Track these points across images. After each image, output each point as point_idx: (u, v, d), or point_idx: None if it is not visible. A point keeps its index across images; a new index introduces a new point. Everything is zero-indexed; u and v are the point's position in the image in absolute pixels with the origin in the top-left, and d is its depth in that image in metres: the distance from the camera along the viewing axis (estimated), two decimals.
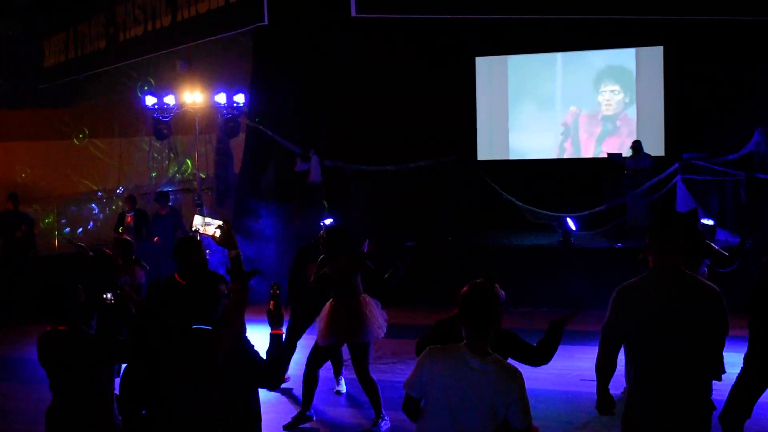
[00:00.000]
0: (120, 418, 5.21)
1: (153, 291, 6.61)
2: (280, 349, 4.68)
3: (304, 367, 8.36)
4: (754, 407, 6.90)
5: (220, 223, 5.22)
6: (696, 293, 4.68)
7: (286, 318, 6.81)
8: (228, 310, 4.68)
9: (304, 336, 9.69)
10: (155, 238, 15.36)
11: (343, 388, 9.51)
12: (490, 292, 4.43)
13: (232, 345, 4.59)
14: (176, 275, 6.35)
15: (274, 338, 4.66)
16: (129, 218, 15.69)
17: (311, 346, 8.48)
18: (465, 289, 4.43)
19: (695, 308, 4.63)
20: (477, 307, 4.34)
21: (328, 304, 8.28)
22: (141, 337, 5.00)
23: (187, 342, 4.53)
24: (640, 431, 4.73)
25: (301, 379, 8.40)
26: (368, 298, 8.24)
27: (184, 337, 4.54)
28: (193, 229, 5.45)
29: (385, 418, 8.04)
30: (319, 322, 8.31)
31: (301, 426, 8.29)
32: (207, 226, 5.34)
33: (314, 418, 8.41)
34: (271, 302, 4.69)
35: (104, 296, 5.42)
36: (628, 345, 4.77)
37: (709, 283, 4.79)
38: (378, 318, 8.15)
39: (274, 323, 4.67)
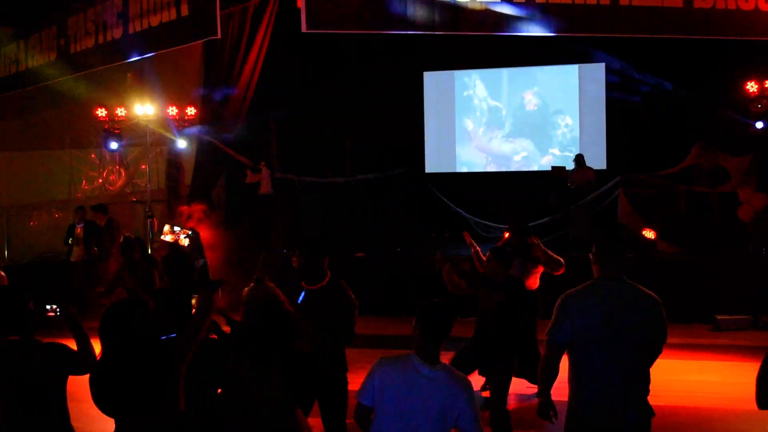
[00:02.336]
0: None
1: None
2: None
3: None
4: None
5: (189, 233, 5.32)
6: (637, 302, 4.86)
7: None
8: (194, 319, 4.75)
9: None
10: (94, 249, 15.41)
11: None
12: (448, 306, 4.57)
13: (199, 352, 4.66)
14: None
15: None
16: (79, 229, 15.68)
17: None
18: (425, 302, 4.54)
19: (635, 316, 4.80)
20: (438, 320, 4.48)
21: None
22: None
23: (153, 352, 4.52)
24: None
25: None
26: None
27: (149, 347, 4.52)
28: (162, 237, 5.52)
29: None
30: None
31: None
32: (175, 235, 5.42)
33: None
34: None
35: (48, 308, 5.34)
36: (571, 351, 4.89)
37: (649, 291, 4.94)
38: None
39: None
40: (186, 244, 5.29)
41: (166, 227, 5.51)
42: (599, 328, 4.79)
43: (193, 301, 5.12)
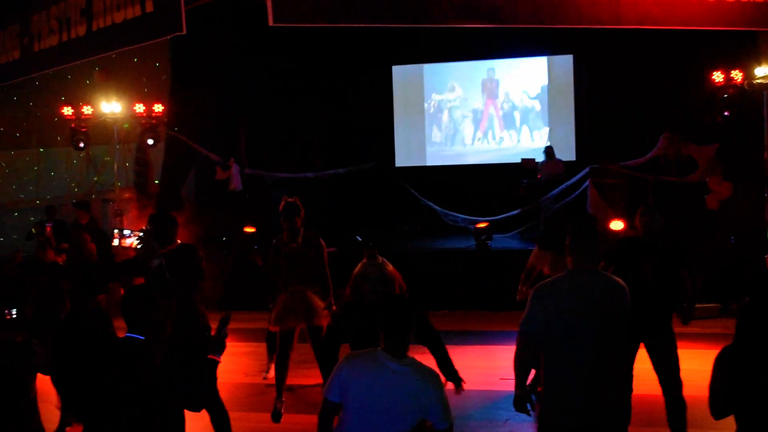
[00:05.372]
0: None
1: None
2: (213, 377, 4.54)
3: None
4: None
5: (141, 234, 5.25)
6: (609, 292, 4.90)
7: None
8: (156, 322, 4.54)
9: None
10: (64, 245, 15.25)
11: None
12: (407, 301, 4.58)
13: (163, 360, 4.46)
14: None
15: (210, 364, 4.54)
16: (48, 228, 15.52)
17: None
18: (383, 298, 4.64)
19: (608, 306, 4.84)
20: (398, 315, 4.46)
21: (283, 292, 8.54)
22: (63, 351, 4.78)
23: (119, 352, 4.39)
24: (556, 430, 4.87)
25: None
26: None
27: (113, 346, 4.42)
28: (113, 241, 5.46)
29: None
30: (276, 310, 8.51)
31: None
32: (126, 238, 5.37)
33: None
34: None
35: (6, 311, 5.27)
36: (545, 343, 4.89)
37: (619, 280, 4.99)
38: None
39: (215, 349, 4.57)
40: (138, 248, 5.22)
41: (116, 231, 5.46)
42: (573, 320, 4.80)
43: None
